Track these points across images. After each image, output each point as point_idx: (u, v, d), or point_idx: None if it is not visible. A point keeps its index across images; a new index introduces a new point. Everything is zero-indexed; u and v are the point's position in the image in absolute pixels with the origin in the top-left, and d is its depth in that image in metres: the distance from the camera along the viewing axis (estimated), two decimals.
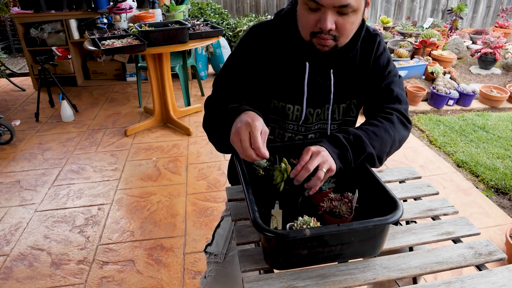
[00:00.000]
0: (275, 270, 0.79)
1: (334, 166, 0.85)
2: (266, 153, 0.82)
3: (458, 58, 4.42)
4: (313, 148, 0.85)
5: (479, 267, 0.81)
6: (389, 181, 1.11)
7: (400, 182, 1.12)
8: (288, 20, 1.01)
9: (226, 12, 4.73)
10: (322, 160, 0.83)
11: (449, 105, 3.57)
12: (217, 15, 4.60)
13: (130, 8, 3.33)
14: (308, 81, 1.03)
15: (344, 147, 0.89)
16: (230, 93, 1.05)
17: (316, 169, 0.82)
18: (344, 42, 0.95)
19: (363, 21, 1.02)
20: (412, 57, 4.08)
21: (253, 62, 1.04)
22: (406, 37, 4.60)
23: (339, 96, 1.07)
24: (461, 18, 5.12)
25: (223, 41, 4.26)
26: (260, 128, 0.84)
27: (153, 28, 2.73)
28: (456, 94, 3.54)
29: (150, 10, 3.52)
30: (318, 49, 0.95)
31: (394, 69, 1.09)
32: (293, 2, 1.01)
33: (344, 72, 1.05)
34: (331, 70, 1.02)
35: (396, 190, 1.05)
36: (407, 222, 0.99)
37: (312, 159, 0.82)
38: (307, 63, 1.01)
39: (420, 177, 1.13)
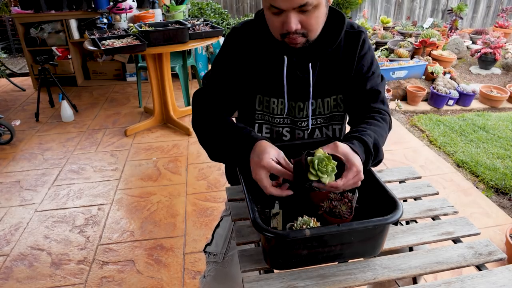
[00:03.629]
0: (275, 270, 0.79)
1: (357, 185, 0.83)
2: (284, 193, 0.83)
3: (458, 58, 4.42)
4: (358, 166, 0.81)
5: (479, 267, 0.81)
6: (389, 181, 1.11)
7: (400, 182, 1.11)
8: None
9: (226, 12, 4.73)
10: (356, 181, 0.81)
11: (449, 105, 3.58)
12: (217, 15, 4.60)
13: (130, 8, 3.33)
14: (287, 75, 1.06)
15: (369, 154, 0.90)
16: (219, 90, 1.09)
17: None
18: (314, 36, 0.98)
19: (343, 16, 1.05)
20: (412, 57, 4.08)
21: (238, 59, 1.08)
22: (406, 37, 4.59)
23: (322, 90, 1.09)
24: (461, 18, 5.12)
25: (223, 41, 4.25)
26: (272, 164, 0.83)
27: (153, 28, 2.73)
28: (456, 94, 3.54)
29: (150, 10, 3.52)
30: (292, 47, 0.99)
31: (377, 69, 1.11)
32: None
33: (325, 66, 1.07)
34: (310, 64, 1.05)
35: (396, 190, 1.05)
36: (407, 222, 0.99)
37: (351, 180, 0.80)
38: (285, 57, 1.04)
39: (420, 177, 1.13)
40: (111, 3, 3.27)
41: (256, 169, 0.86)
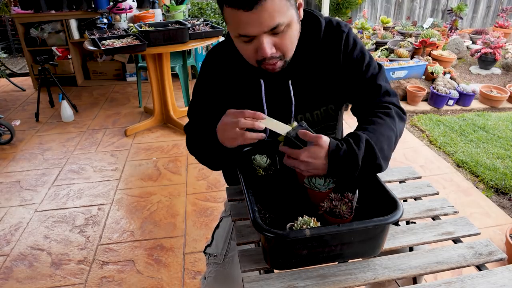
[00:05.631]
0: (275, 270, 0.79)
1: (316, 172, 0.85)
2: (260, 114, 0.84)
3: (458, 58, 4.42)
4: (323, 144, 0.82)
5: (479, 267, 0.81)
6: (389, 181, 1.11)
7: (400, 182, 1.11)
8: None
9: None
10: (309, 163, 0.82)
11: (449, 105, 3.57)
12: (217, 15, 4.60)
13: (130, 8, 3.33)
14: (267, 97, 1.01)
15: (356, 166, 0.83)
16: (205, 118, 1.05)
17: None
18: (291, 55, 0.92)
19: (318, 20, 0.98)
20: (412, 57, 4.08)
21: (216, 85, 1.04)
22: (406, 37, 4.60)
23: (309, 103, 1.04)
24: (461, 18, 5.12)
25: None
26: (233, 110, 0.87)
27: (153, 28, 2.73)
28: (456, 94, 3.54)
29: (150, 10, 3.52)
30: (270, 72, 0.93)
31: (372, 61, 1.01)
32: None
33: (307, 79, 1.01)
34: (289, 81, 1.00)
35: (396, 190, 1.05)
36: (407, 222, 0.99)
37: (304, 158, 0.82)
38: (261, 81, 0.99)
39: (420, 177, 1.13)
40: (111, 3, 3.27)
41: (224, 121, 0.87)
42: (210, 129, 0.95)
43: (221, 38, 4.21)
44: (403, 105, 3.59)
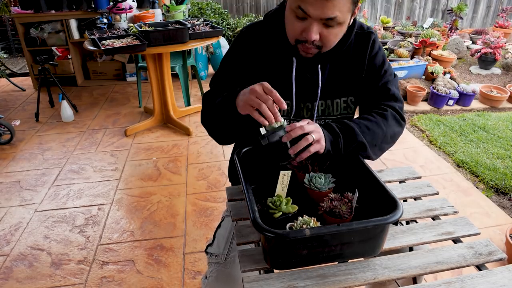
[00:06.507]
0: (275, 270, 0.79)
1: (323, 143, 0.90)
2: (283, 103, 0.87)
3: (458, 58, 4.42)
4: (310, 121, 0.91)
5: (479, 267, 0.81)
6: (389, 181, 1.11)
7: (400, 182, 1.11)
8: (276, 20, 1.05)
9: (226, 12, 4.73)
10: (315, 129, 0.89)
11: (449, 105, 3.57)
12: (217, 15, 4.60)
13: (130, 8, 3.33)
14: (296, 76, 1.06)
15: (336, 134, 0.94)
16: (227, 87, 1.09)
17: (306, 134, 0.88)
18: (326, 50, 0.98)
19: (354, 19, 1.04)
20: (412, 57, 4.08)
21: (245, 60, 1.09)
22: (406, 37, 4.60)
23: (332, 91, 1.09)
24: (461, 18, 5.12)
25: (223, 41, 4.26)
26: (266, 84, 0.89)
27: (153, 28, 2.73)
28: (456, 94, 3.54)
29: (150, 10, 3.52)
30: (301, 54, 0.99)
31: (389, 68, 1.11)
32: (281, 3, 1.06)
33: (336, 67, 1.08)
34: (319, 66, 1.05)
35: (396, 190, 1.05)
36: (407, 222, 0.99)
37: (308, 125, 0.88)
38: (294, 59, 1.04)
39: (420, 177, 1.13)
40: (111, 3, 3.27)
41: (252, 89, 0.88)
42: (230, 92, 1.00)
43: (221, 38, 4.21)
44: None
